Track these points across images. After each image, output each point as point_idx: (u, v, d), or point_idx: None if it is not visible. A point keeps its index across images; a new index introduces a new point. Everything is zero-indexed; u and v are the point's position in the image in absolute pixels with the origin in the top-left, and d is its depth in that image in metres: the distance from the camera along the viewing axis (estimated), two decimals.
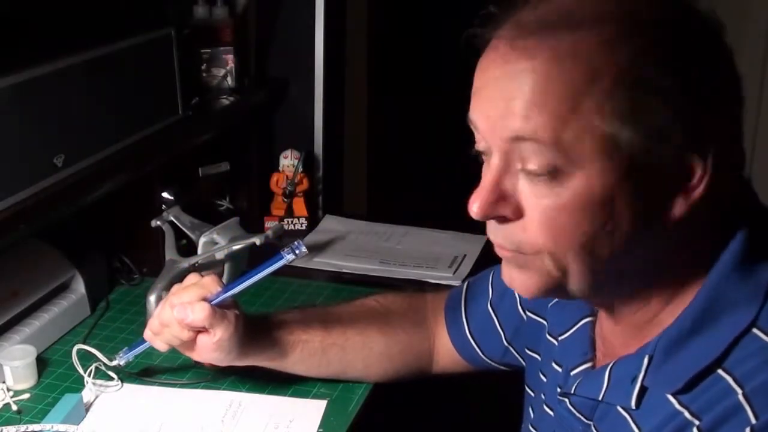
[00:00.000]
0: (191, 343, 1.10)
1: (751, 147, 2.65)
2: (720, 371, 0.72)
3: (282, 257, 1.07)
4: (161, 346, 1.13)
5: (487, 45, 0.75)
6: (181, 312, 1.07)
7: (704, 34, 0.73)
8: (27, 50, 1.23)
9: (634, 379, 0.78)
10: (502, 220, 0.75)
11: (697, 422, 0.71)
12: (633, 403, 0.77)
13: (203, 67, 1.70)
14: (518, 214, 0.74)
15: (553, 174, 0.71)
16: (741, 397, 0.69)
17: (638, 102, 0.69)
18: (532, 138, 0.71)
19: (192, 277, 1.13)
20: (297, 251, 1.06)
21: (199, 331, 1.09)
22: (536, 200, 0.73)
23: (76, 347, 1.22)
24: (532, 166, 0.72)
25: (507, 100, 0.71)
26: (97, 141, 1.36)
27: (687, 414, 0.72)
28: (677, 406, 0.74)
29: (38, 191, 1.23)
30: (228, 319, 1.08)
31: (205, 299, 1.08)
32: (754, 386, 0.69)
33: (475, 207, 0.75)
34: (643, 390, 0.77)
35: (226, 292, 1.09)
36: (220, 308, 1.08)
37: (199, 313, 1.06)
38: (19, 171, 1.20)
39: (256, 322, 1.14)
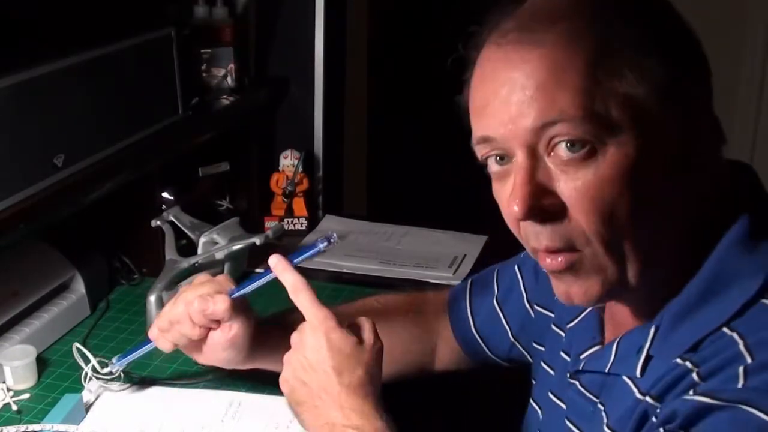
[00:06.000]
0: (198, 343, 1.08)
1: (751, 147, 2.65)
2: (725, 329, 0.73)
3: (317, 246, 1.04)
4: (166, 345, 1.10)
5: (476, 63, 0.77)
6: (203, 302, 1.04)
7: (673, 13, 0.76)
8: (27, 50, 1.24)
9: (640, 349, 0.78)
10: (544, 219, 0.74)
11: (696, 369, 0.72)
12: (638, 371, 0.78)
13: (203, 67, 1.70)
14: (560, 204, 0.73)
15: (589, 150, 0.72)
16: (742, 347, 0.70)
17: (642, 61, 0.72)
18: (562, 117, 0.71)
19: (203, 276, 1.11)
20: (331, 239, 1.03)
21: (209, 329, 1.07)
22: (575, 182, 0.73)
23: (74, 345, 1.21)
24: (566, 145, 0.72)
25: (524, 94, 0.72)
26: (97, 141, 1.36)
27: (688, 364, 0.73)
28: (680, 361, 0.74)
29: (38, 191, 1.23)
30: (246, 314, 1.07)
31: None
32: (756, 339, 0.70)
33: (516, 206, 0.73)
34: (648, 359, 0.78)
35: (247, 286, 1.06)
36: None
37: (221, 305, 1.04)
38: (19, 171, 1.20)
39: (265, 326, 1.12)
